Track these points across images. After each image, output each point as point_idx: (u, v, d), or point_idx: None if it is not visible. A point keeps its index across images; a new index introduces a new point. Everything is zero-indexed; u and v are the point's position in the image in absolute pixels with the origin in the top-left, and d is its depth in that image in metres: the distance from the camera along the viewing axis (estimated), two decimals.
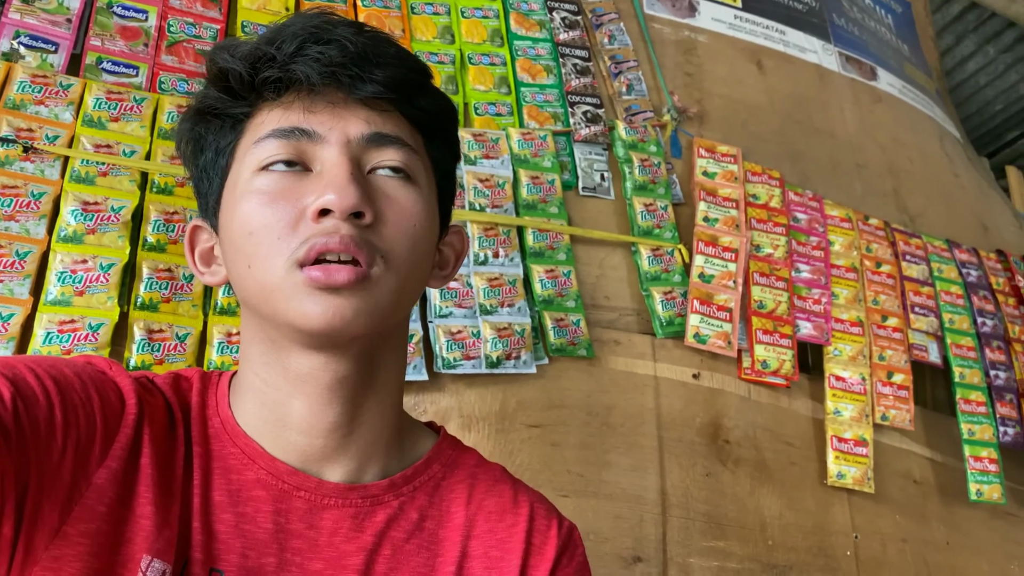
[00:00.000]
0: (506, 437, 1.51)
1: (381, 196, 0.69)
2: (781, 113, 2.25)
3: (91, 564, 0.61)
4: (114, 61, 1.49)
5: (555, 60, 1.93)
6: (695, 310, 1.75)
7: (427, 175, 0.75)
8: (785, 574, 1.66)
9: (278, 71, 0.69)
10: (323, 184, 0.66)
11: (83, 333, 1.26)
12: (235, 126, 0.73)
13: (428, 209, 0.73)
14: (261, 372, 0.73)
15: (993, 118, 4.49)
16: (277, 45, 0.69)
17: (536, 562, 0.77)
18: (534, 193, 1.72)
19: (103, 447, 0.64)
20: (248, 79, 0.70)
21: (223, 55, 0.71)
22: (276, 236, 0.66)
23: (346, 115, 0.70)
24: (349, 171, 0.67)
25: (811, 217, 2.06)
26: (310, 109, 0.69)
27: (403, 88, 0.72)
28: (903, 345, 2.02)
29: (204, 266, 0.78)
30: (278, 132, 0.69)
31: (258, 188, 0.68)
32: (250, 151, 0.70)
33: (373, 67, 0.69)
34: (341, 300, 0.65)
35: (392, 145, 0.71)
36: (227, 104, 0.72)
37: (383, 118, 0.71)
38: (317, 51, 0.68)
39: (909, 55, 2.89)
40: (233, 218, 0.69)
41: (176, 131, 0.78)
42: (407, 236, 0.70)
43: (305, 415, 0.72)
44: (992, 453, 2.01)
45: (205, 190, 0.76)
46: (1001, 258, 2.43)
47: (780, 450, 1.78)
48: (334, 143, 0.69)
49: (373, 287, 0.66)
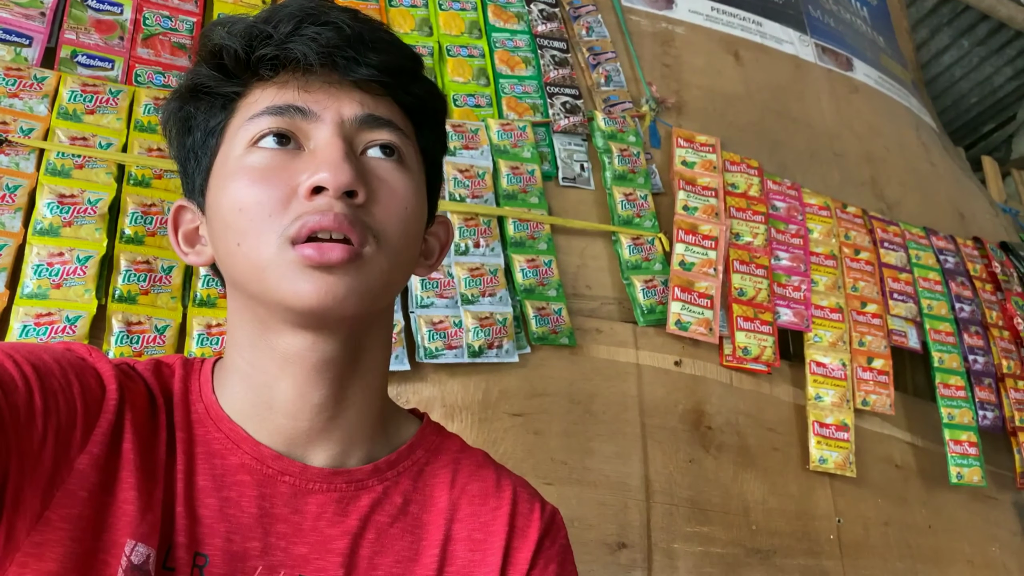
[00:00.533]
0: (489, 426, 1.51)
1: (373, 177, 0.69)
2: (759, 103, 2.26)
3: (73, 549, 0.61)
4: (89, 54, 1.48)
5: (533, 52, 1.94)
6: (676, 297, 1.76)
7: (417, 162, 0.75)
8: (769, 558, 1.67)
9: (275, 49, 0.69)
10: (317, 162, 0.67)
11: (60, 326, 1.25)
12: (226, 105, 0.72)
13: (418, 194, 0.74)
14: (247, 354, 0.72)
15: (968, 111, 4.55)
16: (274, 24, 0.69)
17: (519, 544, 0.78)
18: (514, 183, 1.73)
19: (84, 432, 0.63)
20: (243, 57, 0.70)
21: (220, 31, 0.71)
22: (268, 213, 0.66)
23: (341, 95, 0.70)
24: (343, 150, 0.67)
25: (790, 205, 2.07)
26: (305, 88, 0.70)
27: (397, 74, 0.72)
28: (883, 331, 2.03)
29: (188, 246, 0.77)
30: (273, 108, 0.69)
31: (249, 165, 0.68)
32: (242, 127, 0.70)
33: (368, 50, 0.70)
34: (334, 279, 0.65)
35: (385, 127, 0.71)
36: (219, 83, 0.72)
37: (376, 101, 0.72)
38: (314, 31, 0.68)
39: (885, 47, 2.92)
40: (223, 195, 0.69)
41: (162, 110, 0.77)
42: (399, 218, 0.70)
43: (291, 396, 0.72)
44: (972, 436, 2.03)
45: (192, 170, 0.75)
46: (978, 245, 2.45)
47: (762, 436, 1.79)
48: (328, 122, 0.69)
49: (365, 266, 0.67)
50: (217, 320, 1.36)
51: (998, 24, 4.01)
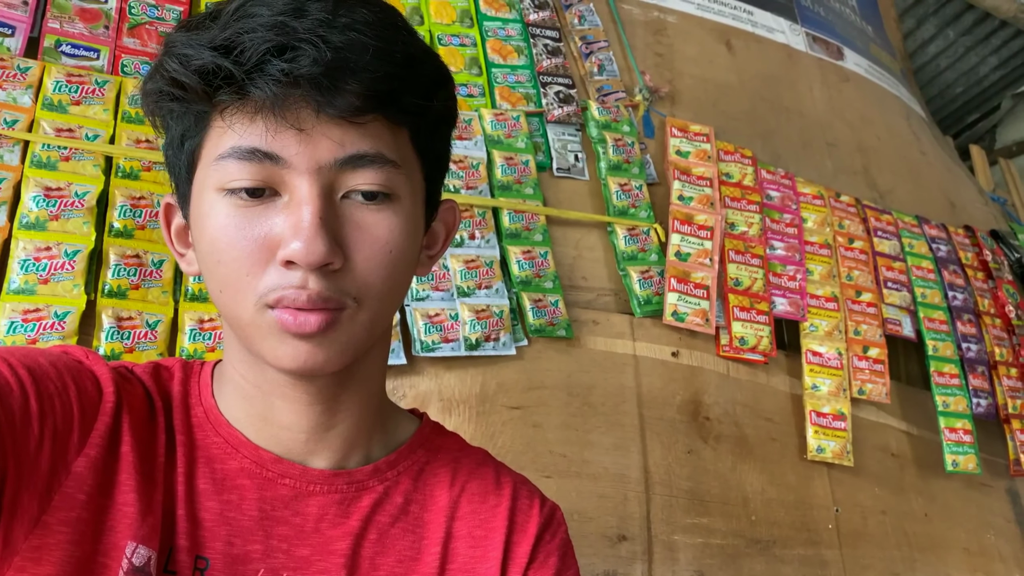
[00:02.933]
0: (487, 420, 1.49)
1: (352, 227, 0.64)
2: (751, 92, 2.25)
3: (72, 552, 0.60)
4: (74, 44, 1.44)
5: (526, 41, 1.92)
6: (672, 288, 1.75)
7: (410, 180, 0.68)
8: (768, 548, 1.67)
9: (235, 92, 0.60)
10: (291, 225, 0.61)
11: (49, 322, 1.22)
12: (198, 120, 0.65)
13: (408, 226, 0.67)
14: (241, 369, 0.72)
15: (954, 101, 4.55)
16: (235, 57, 0.59)
17: (519, 539, 0.78)
18: (509, 174, 1.70)
19: (81, 435, 0.63)
20: (203, 92, 0.62)
21: (173, 64, 0.61)
22: (245, 272, 0.62)
23: (316, 137, 0.61)
24: (318, 214, 0.61)
25: (784, 195, 2.06)
26: (274, 129, 0.61)
27: (382, 94, 0.62)
28: (877, 320, 2.03)
29: (182, 247, 0.73)
30: (238, 152, 0.62)
31: (225, 214, 0.63)
32: (212, 165, 0.63)
33: (348, 76, 0.60)
34: (311, 346, 0.63)
35: (369, 166, 0.63)
36: (184, 98, 0.64)
37: (359, 133, 0.63)
38: (279, 68, 0.59)
39: (874, 36, 2.91)
40: (202, 235, 0.65)
41: (141, 90, 0.68)
42: (382, 267, 0.65)
43: (287, 414, 0.71)
44: (967, 424, 2.03)
45: (175, 168, 0.70)
46: (969, 233, 2.46)
47: (760, 426, 1.78)
48: (303, 171, 0.61)
49: (345, 327, 0.64)
50: (210, 315, 1.34)
51: (983, 14, 4.02)
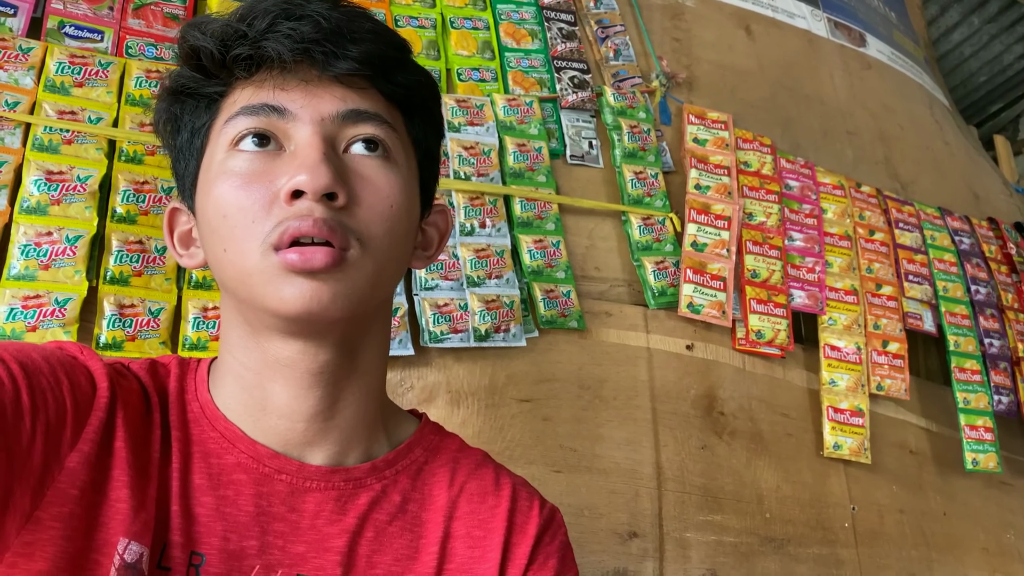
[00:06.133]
0: (496, 412, 1.46)
1: (356, 177, 0.67)
2: (771, 79, 2.20)
3: (65, 548, 0.60)
4: (77, 25, 1.41)
5: (540, 25, 1.87)
6: (688, 279, 1.71)
7: (406, 154, 0.73)
8: (783, 547, 1.63)
9: (249, 48, 0.67)
10: (295, 164, 0.65)
11: (49, 308, 1.20)
12: (210, 106, 0.71)
13: (407, 189, 0.71)
14: (240, 356, 0.72)
15: (977, 89, 4.47)
16: (248, 22, 0.67)
17: (518, 540, 0.78)
18: (521, 161, 1.66)
19: (74, 430, 0.62)
20: (219, 57, 0.68)
21: (193, 33, 0.69)
22: (250, 219, 0.65)
23: (319, 92, 0.68)
24: (322, 150, 0.65)
25: (803, 184, 2.01)
26: (282, 87, 0.68)
27: (379, 64, 0.70)
28: (898, 314, 1.98)
29: (183, 248, 0.77)
30: (247, 109, 0.68)
31: (231, 169, 0.67)
32: (222, 130, 0.69)
33: (348, 43, 0.67)
34: (318, 284, 0.63)
35: (369, 121, 0.69)
36: (200, 83, 0.71)
37: (359, 95, 0.70)
38: (289, 27, 0.66)
39: (897, 23, 2.85)
40: (208, 201, 0.68)
41: (154, 110, 0.76)
42: (383, 218, 0.68)
43: (285, 400, 0.71)
44: (987, 422, 1.98)
45: (182, 171, 0.74)
46: (992, 226, 2.40)
47: (776, 422, 1.74)
48: (307, 121, 0.67)
49: (350, 270, 0.65)
50: (213, 303, 1.31)
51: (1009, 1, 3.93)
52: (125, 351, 1.22)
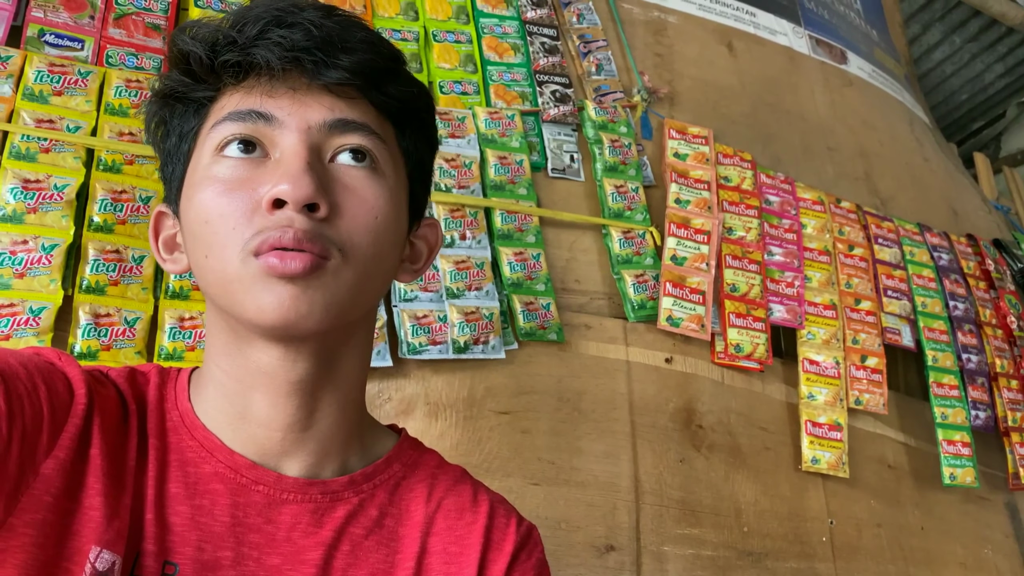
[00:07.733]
0: (474, 424, 1.46)
1: (340, 187, 0.67)
2: (752, 95, 2.22)
3: (36, 555, 0.59)
4: (57, 33, 1.41)
5: (523, 39, 1.88)
6: (668, 293, 1.71)
7: (395, 165, 0.72)
8: (761, 561, 1.63)
9: (238, 54, 0.67)
10: (279, 173, 0.64)
11: (23, 317, 1.19)
12: (198, 111, 0.71)
13: (393, 201, 0.71)
14: (224, 364, 0.71)
15: (959, 108, 4.52)
16: (239, 28, 0.67)
17: (494, 557, 0.77)
18: (502, 174, 1.67)
19: (51, 437, 0.62)
20: (208, 62, 0.68)
21: (183, 37, 0.69)
22: (231, 226, 0.64)
23: (308, 101, 0.68)
24: (306, 159, 0.65)
25: (783, 200, 2.03)
26: (270, 94, 0.67)
27: (370, 74, 0.69)
28: (876, 328, 2.00)
29: (167, 253, 0.76)
30: (234, 114, 0.67)
31: (214, 175, 0.66)
32: (208, 135, 0.68)
33: (339, 52, 0.67)
34: (297, 291, 0.63)
35: (356, 131, 0.68)
36: (189, 88, 0.70)
37: (348, 105, 0.69)
38: (280, 35, 0.66)
39: (878, 40, 2.88)
40: (191, 206, 0.68)
41: (145, 112, 0.76)
42: (367, 230, 0.67)
43: (264, 407, 0.70)
44: (965, 437, 1.99)
45: (169, 175, 0.74)
46: (971, 242, 2.42)
47: (754, 435, 1.74)
48: (293, 129, 0.67)
49: (329, 279, 0.64)
50: (190, 313, 1.30)
51: (990, 20, 3.98)
52: (100, 361, 1.22)
